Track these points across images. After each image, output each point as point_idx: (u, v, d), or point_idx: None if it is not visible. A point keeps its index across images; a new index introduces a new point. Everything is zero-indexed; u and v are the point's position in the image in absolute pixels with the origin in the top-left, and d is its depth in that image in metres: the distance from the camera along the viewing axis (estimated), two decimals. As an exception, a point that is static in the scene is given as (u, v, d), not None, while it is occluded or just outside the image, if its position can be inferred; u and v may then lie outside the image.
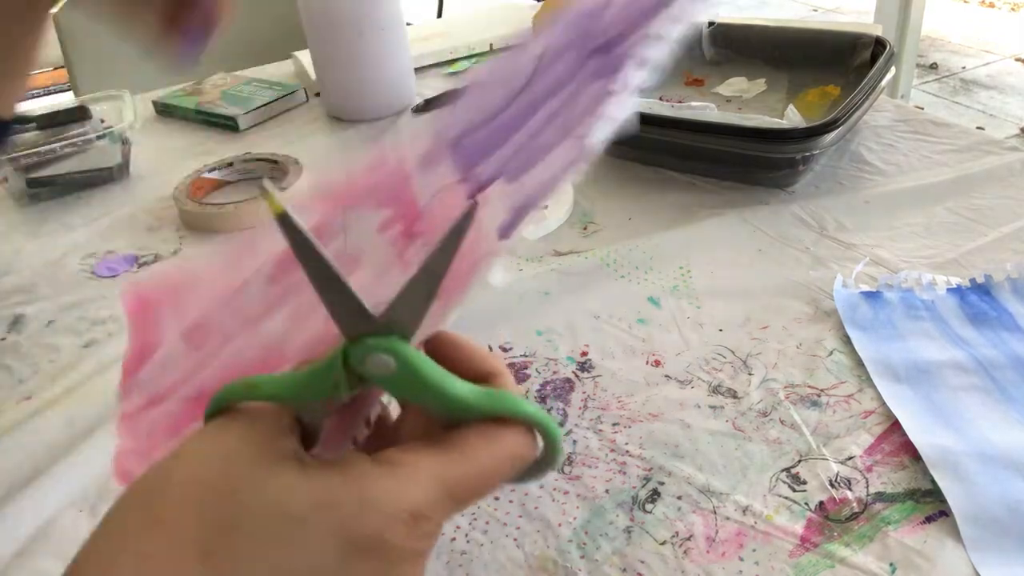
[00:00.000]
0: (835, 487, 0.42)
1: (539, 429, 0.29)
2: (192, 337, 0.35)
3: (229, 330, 0.34)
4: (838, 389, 0.48)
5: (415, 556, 0.26)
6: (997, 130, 2.62)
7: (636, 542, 0.40)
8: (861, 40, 0.82)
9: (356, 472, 0.26)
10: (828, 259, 0.60)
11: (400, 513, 0.25)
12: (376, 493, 0.25)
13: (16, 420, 0.50)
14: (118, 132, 0.79)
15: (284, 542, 0.24)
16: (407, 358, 0.27)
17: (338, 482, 0.25)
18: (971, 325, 0.52)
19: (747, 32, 0.90)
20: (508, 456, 0.28)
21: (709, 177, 0.72)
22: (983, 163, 0.71)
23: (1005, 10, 3.88)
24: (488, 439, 0.28)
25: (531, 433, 0.29)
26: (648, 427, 0.46)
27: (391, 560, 0.25)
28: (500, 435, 0.28)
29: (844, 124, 0.65)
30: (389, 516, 0.25)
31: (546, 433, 0.29)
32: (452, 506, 0.27)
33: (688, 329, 0.54)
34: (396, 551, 0.25)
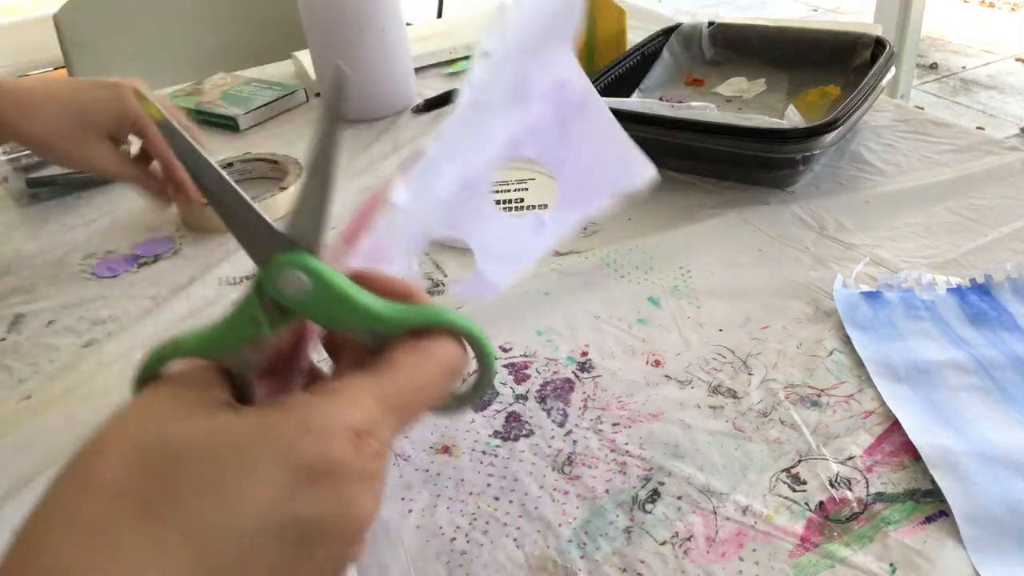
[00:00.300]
0: (835, 487, 0.42)
1: (465, 336, 0.28)
2: None
3: None
4: (838, 389, 0.48)
5: (365, 477, 0.25)
6: (997, 130, 2.62)
7: (636, 542, 0.40)
8: (861, 40, 0.82)
9: (292, 402, 0.25)
10: (828, 259, 0.60)
11: (342, 431, 0.25)
12: (315, 416, 0.25)
13: (16, 420, 0.50)
14: (118, 132, 0.79)
15: (227, 481, 0.23)
16: (319, 270, 0.27)
17: (274, 413, 0.25)
18: (971, 325, 0.52)
19: (747, 32, 0.91)
20: (439, 366, 0.28)
21: (709, 177, 0.72)
22: (983, 163, 0.71)
23: (1005, 10, 3.88)
24: (416, 351, 0.27)
25: (460, 344, 0.28)
26: (648, 427, 0.46)
27: (340, 481, 0.24)
28: (427, 347, 0.28)
29: (844, 124, 0.65)
30: (331, 435, 0.24)
31: (473, 339, 0.29)
32: (394, 422, 0.26)
33: (688, 329, 0.54)
34: (344, 471, 0.24)
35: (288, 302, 0.27)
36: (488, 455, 0.45)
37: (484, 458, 0.45)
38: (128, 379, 0.30)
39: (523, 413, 0.48)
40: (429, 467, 0.45)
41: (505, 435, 0.47)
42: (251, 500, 0.23)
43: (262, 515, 0.23)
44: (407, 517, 0.42)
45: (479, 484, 0.44)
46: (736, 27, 0.91)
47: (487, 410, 0.49)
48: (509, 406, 0.49)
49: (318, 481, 0.24)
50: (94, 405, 0.50)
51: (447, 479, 0.44)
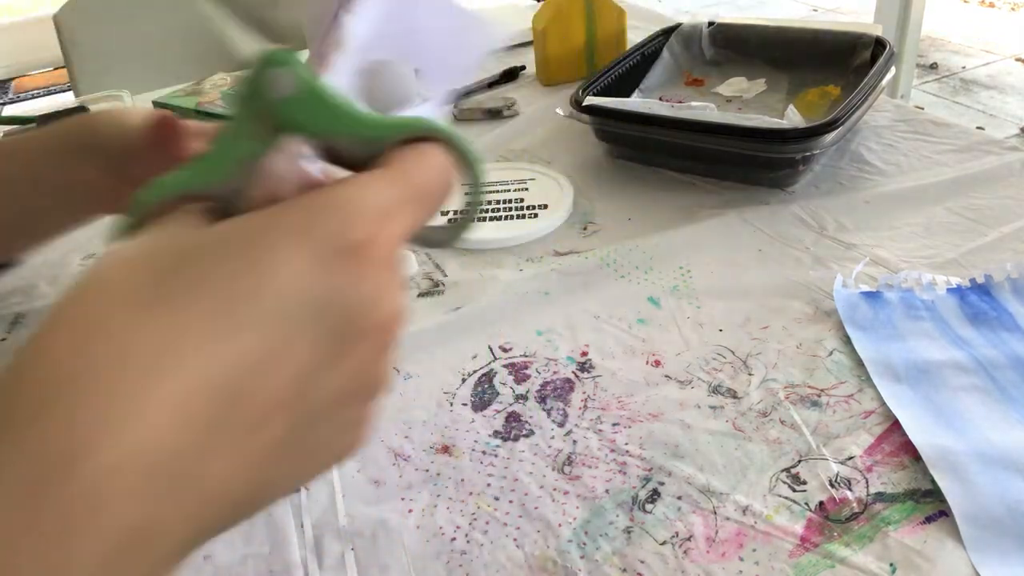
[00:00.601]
0: (835, 487, 0.42)
1: (455, 145, 0.27)
2: None
3: None
4: (838, 389, 0.48)
5: (391, 263, 0.24)
6: (997, 130, 2.62)
7: (636, 542, 0.40)
8: (861, 40, 0.82)
9: (306, 195, 0.23)
10: (828, 259, 0.60)
11: (365, 210, 0.23)
12: (334, 197, 0.23)
13: (16, 420, 0.50)
14: (118, 132, 0.79)
15: (248, 265, 0.21)
16: (307, 69, 0.25)
17: (287, 203, 0.23)
18: (971, 325, 0.52)
19: (747, 32, 0.91)
20: (439, 169, 0.26)
21: (709, 177, 0.72)
22: (983, 163, 0.71)
23: (1005, 10, 3.88)
24: (416, 153, 0.26)
25: (450, 152, 0.27)
26: (648, 427, 0.46)
27: (369, 262, 0.23)
28: (425, 150, 0.26)
29: (844, 124, 0.65)
30: (355, 213, 0.23)
31: (459, 148, 0.27)
32: (408, 216, 0.25)
33: (688, 329, 0.54)
34: (371, 250, 0.23)
35: (277, 107, 0.25)
36: (488, 455, 0.45)
37: (484, 458, 0.45)
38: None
39: (523, 413, 0.48)
40: (429, 467, 0.45)
41: (505, 435, 0.47)
42: (275, 281, 0.21)
43: (288, 296, 0.21)
44: (407, 517, 0.42)
45: (479, 484, 0.44)
46: (736, 27, 0.91)
47: (487, 410, 0.49)
48: (509, 406, 0.49)
49: (346, 260, 0.22)
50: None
51: (447, 479, 0.44)
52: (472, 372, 0.52)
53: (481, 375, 0.51)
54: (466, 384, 0.51)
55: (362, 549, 0.40)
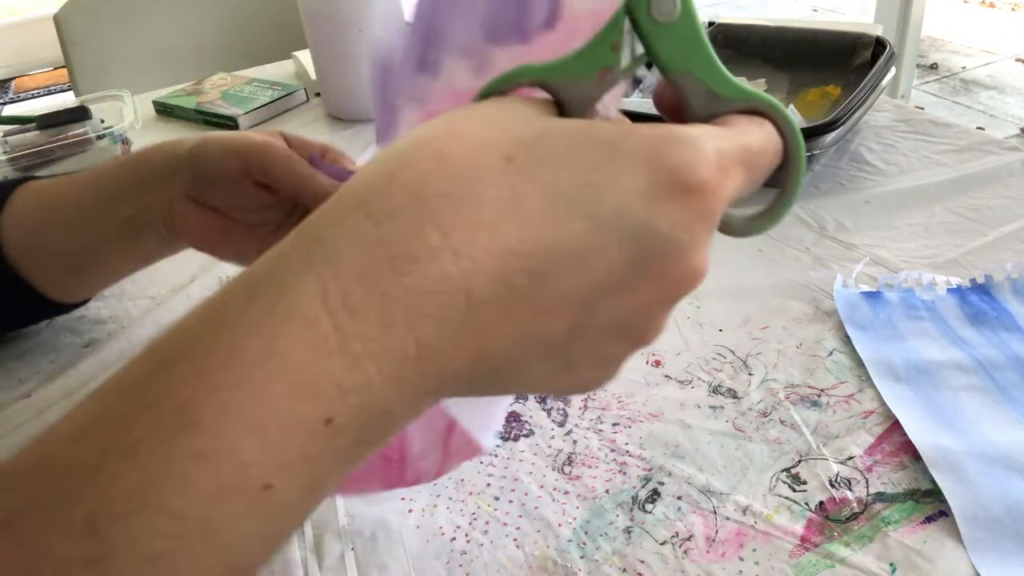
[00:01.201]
0: (835, 487, 0.42)
1: (788, 127, 0.27)
2: None
3: None
4: (838, 389, 0.48)
5: (715, 215, 0.24)
6: (997, 130, 2.62)
7: (636, 542, 0.40)
8: (861, 40, 0.82)
9: (655, 124, 0.24)
10: (828, 259, 0.60)
11: (709, 152, 0.23)
12: (682, 132, 0.24)
13: (16, 420, 0.50)
14: (118, 132, 0.79)
15: (591, 159, 0.22)
16: None
17: (641, 125, 0.24)
18: (971, 325, 0.52)
19: (747, 32, 0.90)
20: (772, 142, 0.26)
21: (709, 177, 0.72)
22: (983, 163, 0.71)
23: (1005, 10, 3.88)
24: (753, 122, 0.26)
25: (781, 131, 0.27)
26: (648, 427, 0.46)
27: (700, 202, 0.23)
28: (762, 121, 0.26)
29: (844, 124, 0.65)
30: (701, 151, 0.23)
31: (792, 134, 0.27)
32: (740, 175, 0.25)
33: (688, 329, 0.54)
34: (705, 191, 0.23)
35: (653, 29, 0.26)
36: (488, 455, 0.45)
37: (484, 458, 0.45)
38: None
39: (523, 413, 0.48)
40: (429, 467, 0.45)
41: (505, 435, 0.47)
42: (615, 188, 0.22)
43: (622, 207, 0.22)
44: (407, 517, 0.42)
45: (479, 484, 0.44)
46: (736, 27, 0.91)
47: (487, 410, 0.49)
48: (509, 406, 0.49)
49: (679, 194, 0.23)
50: (94, 405, 0.50)
51: (447, 479, 0.44)
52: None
53: (481, 375, 0.51)
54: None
55: (362, 549, 0.40)
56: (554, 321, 0.23)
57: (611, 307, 0.23)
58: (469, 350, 0.22)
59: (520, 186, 0.22)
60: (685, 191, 0.23)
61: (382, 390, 0.21)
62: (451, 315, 0.21)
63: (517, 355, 0.23)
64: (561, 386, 0.26)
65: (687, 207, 0.23)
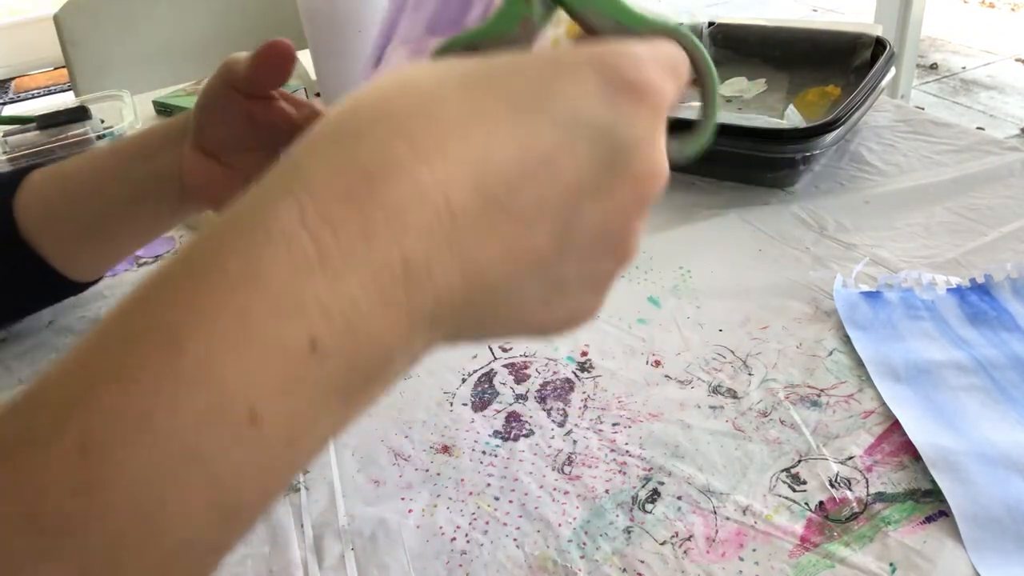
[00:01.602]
0: (835, 487, 0.42)
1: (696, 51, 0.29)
2: None
3: None
4: (838, 389, 0.48)
5: (660, 115, 0.25)
6: (997, 130, 2.62)
7: (636, 542, 0.40)
8: (861, 40, 0.82)
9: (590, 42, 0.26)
10: (828, 259, 0.60)
11: (652, 61, 0.25)
12: (618, 45, 0.25)
13: (16, 420, 0.50)
14: (118, 132, 0.79)
15: (540, 74, 0.24)
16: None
17: (580, 44, 0.25)
18: (971, 325, 0.52)
19: (747, 32, 0.90)
20: (684, 60, 0.28)
21: (709, 177, 0.72)
22: (983, 163, 0.71)
23: (1005, 10, 3.88)
24: (664, 41, 0.28)
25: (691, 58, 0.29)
26: (648, 427, 0.46)
27: (653, 105, 0.25)
28: (671, 43, 0.28)
29: (844, 124, 0.65)
30: (645, 60, 0.25)
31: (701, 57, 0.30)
32: (673, 78, 0.26)
33: (688, 329, 0.54)
34: (656, 95, 0.24)
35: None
36: (488, 455, 0.45)
37: (484, 458, 0.45)
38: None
39: (523, 413, 0.48)
40: (429, 467, 0.45)
41: (505, 435, 0.47)
42: (571, 92, 0.23)
43: (580, 110, 0.23)
44: (407, 517, 0.42)
45: (479, 484, 0.44)
46: (736, 27, 0.91)
47: (487, 410, 0.49)
48: (509, 406, 0.49)
49: (633, 95, 0.24)
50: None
51: (447, 479, 0.44)
52: (472, 372, 0.52)
53: (481, 375, 0.51)
54: (466, 384, 0.51)
55: (362, 549, 0.41)
56: (539, 233, 0.23)
57: (590, 212, 0.24)
58: (458, 271, 0.22)
59: (480, 100, 0.23)
60: (635, 90, 0.24)
61: (369, 311, 0.20)
62: (434, 229, 0.21)
63: (508, 273, 0.23)
64: (558, 315, 0.26)
65: (640, 104, 0.24)
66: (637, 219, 0.26)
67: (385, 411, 0.49)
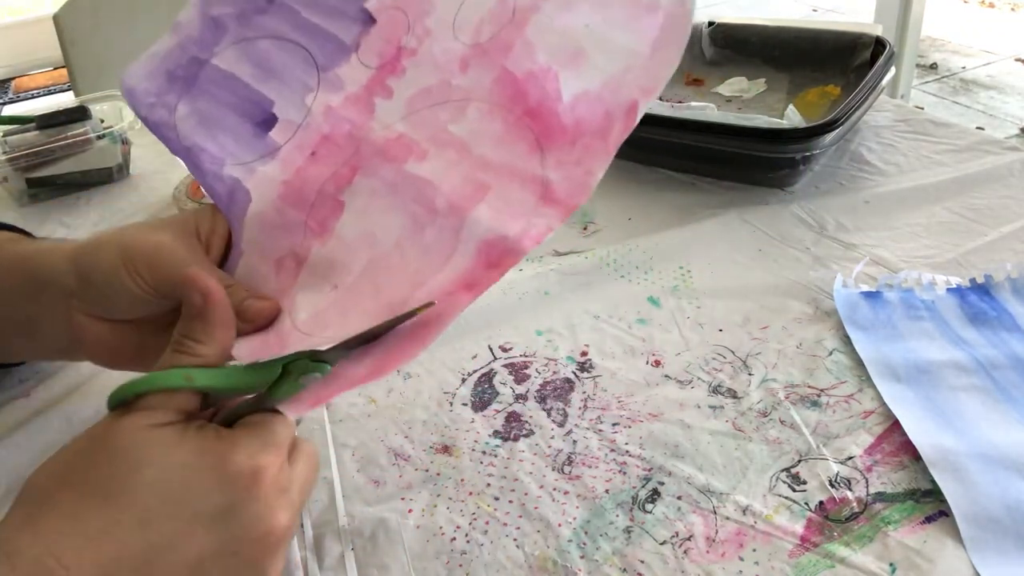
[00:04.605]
0: (835, 487, 0.42)
1: None
2: None
3: None
4: (838, 389, 0.48)
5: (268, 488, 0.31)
6: (997, 130, 2.62)
7: (636, 542, 0.40)
8: (861, 40, 0.82)
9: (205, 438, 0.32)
10: (828, 259, 0.60)
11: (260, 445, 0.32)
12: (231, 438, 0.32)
13: (16, 420, 0.50)
14: (118, 132, 0.79)
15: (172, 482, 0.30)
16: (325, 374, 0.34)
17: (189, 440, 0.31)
18: (971, 325, 0.52)
19: (747, 32, 0.90)
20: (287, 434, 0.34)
21: (709, 177, 0.72)
22: (983, 163, 0.71)
23: (1005, 10, 3.88)
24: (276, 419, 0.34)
25: None
26: (648, 427, 0.46)
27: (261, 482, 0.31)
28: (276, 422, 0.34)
29: (844, 124, 0.65)
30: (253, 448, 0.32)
31: None
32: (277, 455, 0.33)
33: (688, 329, 0.54)
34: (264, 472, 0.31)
35: (297, 386, 0.33)
36: (488, 455, 0.45)
37: (484, 458, 0.45)
38: (128, 379, 0.30)
39: (523, 413, 0.48)
40: (429, 467, 0.45)
41: (505, 435, 0.47)
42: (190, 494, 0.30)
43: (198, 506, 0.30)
44: (407, 517, 0.42)
45: (479, 484, 0.44)
46: (736, 27, 0.91)
47: (487, 410, 0.49)
48: (509, 406, 0.49)
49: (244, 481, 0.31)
50: (94, 405, 0.50)
51: (447, 479, 0.44)
52: (472, 372, 0.52)
53: (481, 375, 0.51)
54: (466, 384, 0.51)
55: (362, 549, 0.40)
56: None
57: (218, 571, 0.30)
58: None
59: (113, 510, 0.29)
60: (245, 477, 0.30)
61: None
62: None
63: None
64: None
65: (253, 486, 0.31)
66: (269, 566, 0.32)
67: (385, 411, 0.49)
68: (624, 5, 0.38)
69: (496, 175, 0.37)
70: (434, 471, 0.45)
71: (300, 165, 0.41)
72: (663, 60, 0.37)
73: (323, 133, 0.41)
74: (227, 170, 0.41)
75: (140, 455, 0.30)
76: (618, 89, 0.37)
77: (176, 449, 0.30)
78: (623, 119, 0.37)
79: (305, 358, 0.33)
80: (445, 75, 0.40)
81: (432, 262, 0.36)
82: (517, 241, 0.35)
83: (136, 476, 0.29)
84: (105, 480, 0.29)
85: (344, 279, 0.38)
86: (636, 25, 0.38)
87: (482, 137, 0.38)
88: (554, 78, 0.38)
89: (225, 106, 0.42)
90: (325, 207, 0.40)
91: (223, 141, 0.42)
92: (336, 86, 0.41)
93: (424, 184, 0.38)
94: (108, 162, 0.80)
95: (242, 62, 0.42)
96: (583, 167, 0.37)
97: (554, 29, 0.39)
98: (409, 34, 0.41)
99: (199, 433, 0.31)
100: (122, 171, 0.81)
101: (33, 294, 0.41)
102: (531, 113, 0.38)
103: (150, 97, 0.43)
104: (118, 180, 0.81)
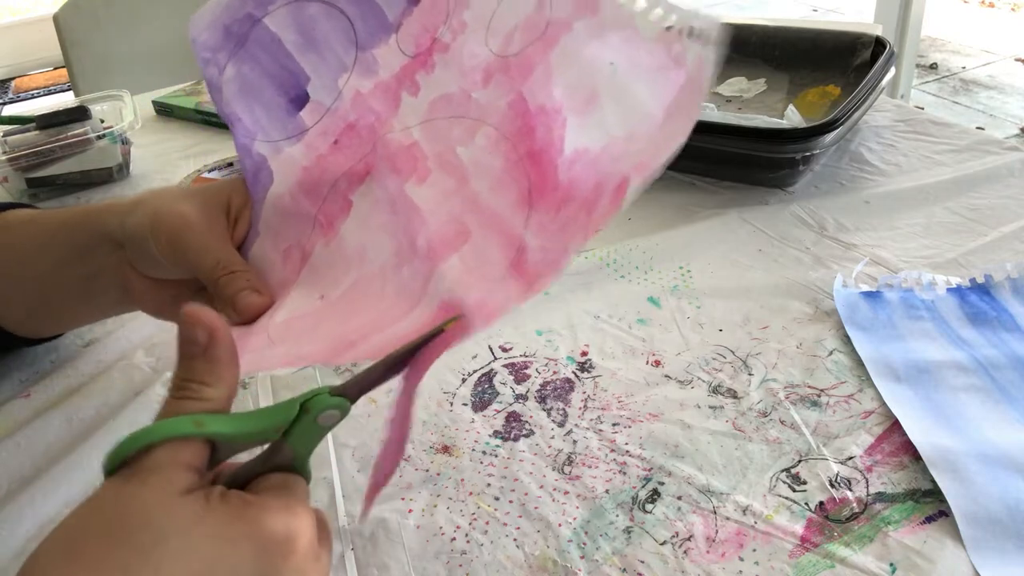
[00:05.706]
0: (835, 487, 0.42)
1: None
2: None
3: None
4: (838, 389, 0.48)
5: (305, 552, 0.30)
6: (997, 130, 2.62)
7: (636, 542, 0.40)
8: (861, 40, 0.82)
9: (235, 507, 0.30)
10: (828, 259, 0.60)
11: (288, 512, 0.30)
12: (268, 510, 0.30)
13: (16, 420, 0.50)
14: (118, 132, 0.79)
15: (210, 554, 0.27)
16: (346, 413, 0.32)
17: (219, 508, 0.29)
18: (971, 325, 0.52)
19: (747, 32, 0.90)
20: (303, 493, 0.33)
21: (709, 177, 0.72)
22: (983, 163, 0.71)
23: (1005, 10, 3.88)
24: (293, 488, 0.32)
25: None
26: (648, 427, 0.46)
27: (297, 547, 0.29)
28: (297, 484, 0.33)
29: (844, 124, 0.65)
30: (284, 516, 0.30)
31: None
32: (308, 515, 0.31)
33: (688, 329, 0.54)
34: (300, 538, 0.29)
35: (316, 428, 0.31)
36: (488, 455, 0.45)
37: (484, 458, 0.45)
38: (128, 379, 0.30)
39: (523, 413, 0.48)
40: (429, 467, 0.45)
41: (505, 435, 0.47)
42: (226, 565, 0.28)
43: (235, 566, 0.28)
44: (407, 517, 0.42)
45: (479, 484, 0.44)
46: (736, 27, 0.91)
47: (487, 410, 0.49)
48: (509, 406, 0.49)
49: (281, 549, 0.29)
50: (94, 405, 0.50)
51: (447, 479, 0.44)
52: (472, 372, 0.52)
53: (481, 375, 0.51)
54: (466, 384, 0.51)
55: (362, 549, 0.40)
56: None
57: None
58: None
59: None
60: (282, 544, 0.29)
61: None
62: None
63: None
64: None
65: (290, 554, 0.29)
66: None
67: (385, 411, 0.49)
68: (653, 51, 0.37)
69: (480, 222, 0.37)
70: (434, 471, 0.45)
71: (322, 153, 0.41)
72: (670, 133, 0.35)
73: (349, 121, 0.41)
74: (257, 146, 0.42)
75: (164, 525, 0.27)
76: (617, 158, 0.35)
77: (205, 517, 0.28)
78: (611, 196, 0.34)
79: (324, 393, 0.31)
80: (467, 84, 0.40)
81: (400, 306, 0.36)
82: (471, 312, 0.34)
83: (161, 549, 0.27)
84: (124, 554, 0.27)
85: (332, 292, 0.38)
86: (658, 77, 0.36)
87: (482, 170, 0.38)
88: (562, 124, 0.37)
89: (265, 74, 0.42)
90: (336, 203, 0.40)
91: (258, 114, 0.42)
92: (370, 69, 0.41)
93: (415, 213, 0.38)
94: (108, 162, 0.80)
95: (289, 27, 0.42)
96: (561, 241, 0.35)
97: (579, 59, 0.38)
98: (446, 25, 0.41)
99: (224, 499, 0.29)
100: (122, 171, 0.81)
101: (91, 249, 0.44)
102: (532, 156, 0.37)
103: (207, 52, 0.42)
104: (118, 180, 0.81)
